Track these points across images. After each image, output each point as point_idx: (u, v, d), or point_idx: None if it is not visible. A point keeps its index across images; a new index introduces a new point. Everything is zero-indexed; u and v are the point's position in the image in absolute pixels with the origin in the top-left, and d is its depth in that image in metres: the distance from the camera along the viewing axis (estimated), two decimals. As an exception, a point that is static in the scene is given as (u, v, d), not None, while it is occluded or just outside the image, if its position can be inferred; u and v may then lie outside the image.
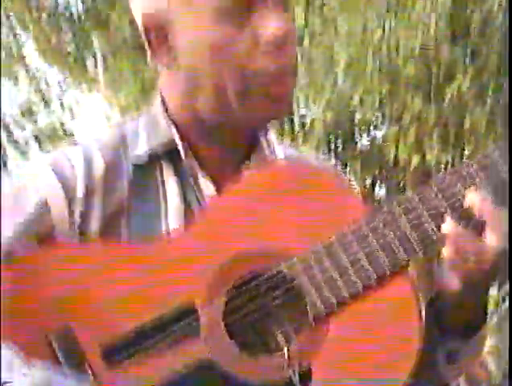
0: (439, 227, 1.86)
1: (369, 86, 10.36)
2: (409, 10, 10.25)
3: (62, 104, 11.81)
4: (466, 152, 11.37)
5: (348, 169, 11.46)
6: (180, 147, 2.02)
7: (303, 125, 10.75)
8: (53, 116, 11.59)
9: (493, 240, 1.82)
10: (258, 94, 1.95)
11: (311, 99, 10.52)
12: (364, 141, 11.78)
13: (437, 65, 10.15)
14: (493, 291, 9.45)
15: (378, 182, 12.00)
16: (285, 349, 1.82)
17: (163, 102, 2.08)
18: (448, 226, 1.84)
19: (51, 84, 11.87)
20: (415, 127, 10.39)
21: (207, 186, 2.02)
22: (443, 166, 11.26)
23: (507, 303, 10.71)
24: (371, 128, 11.59)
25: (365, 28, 10.36)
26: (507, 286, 9.80)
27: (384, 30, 10.18)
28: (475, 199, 1.85)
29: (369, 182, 11.84)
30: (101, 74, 12.62)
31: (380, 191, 12.12)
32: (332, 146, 11.28)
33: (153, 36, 2.00)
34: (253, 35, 1.93)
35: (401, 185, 11.90)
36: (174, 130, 2.04)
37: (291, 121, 10.41)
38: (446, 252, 1.84)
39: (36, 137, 11.01)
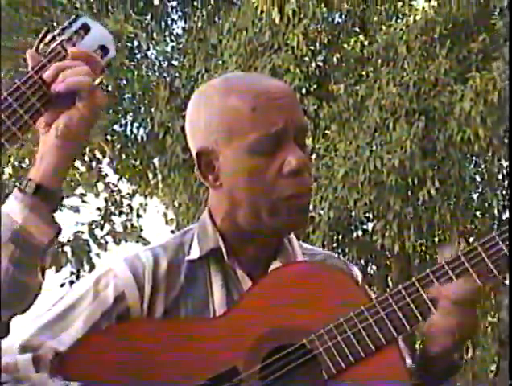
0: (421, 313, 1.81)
1: (360, 192, 10.55)
2: (390, 132, 10.47)
3: (131, 207, 12.04)
4: (436, 239, 11.76)
5: (346, 253, 11.67)
6: (224, 250, 1.92)
7: (312, 220, 10.77)
8: (124, 216, 11.78)
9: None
10: (283, 211, 1.87)
11: (318, 202, 10.70)
12: (358, 233, 12.12)
13: (411, 176, 10.37)
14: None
15: (370, 263, 12.38)
16: None
17: (211, 215, 1.97)
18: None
19: (123, 193, 12.12)
20: (397, 222, 10.60)
21: (244, 280, 1.93)
22: (418, 250, 11.72)
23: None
24: (363, 223, 12.00)
25: (357, 149, 10.57)
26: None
27: (371, 150, 10.41)
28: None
29: (362, 262, 12.11)
30: (160, 185, 12.87)
31: (371, 270, 12.48)
32: (334, 237, 11.55)
33: (203, 162, 1.91)
34: (278, 166, 1.86)
35: (387, 264, 12.37)
36: (219, 237, 1.93)
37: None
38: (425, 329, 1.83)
39: (112, 232, 11.16)
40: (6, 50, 6.94)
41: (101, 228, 10.90)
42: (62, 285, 9.41)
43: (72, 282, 9.27)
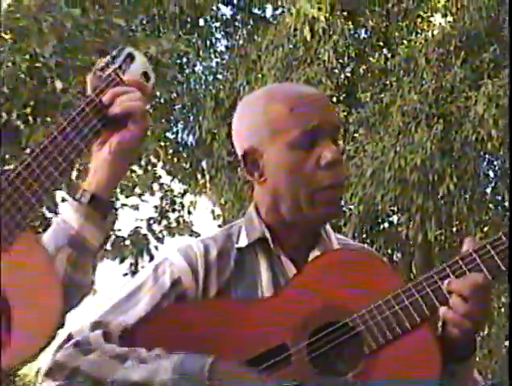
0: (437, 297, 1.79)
1: (386, 188, 10.48)
2: (412, 134, 10.41)
3: (182, 205, 12.04)
4: (454, 229, 11.63)
5: (374, 243, 11.60)
6: (269, 239, 1.93)
7: (343, 215, 10.74)
8: (176, 213, 11.80)
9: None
10: (321, 201, 1.88)
11: (348, 198, 10.65)
12: (385, 225, 12.11)
13: (432, 173, 10.30)
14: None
15: (395, 251, 12.31)
16: (350, 373, 1.78)
17: (256, 208, 1.98)
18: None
19: (175, 192, 12.14)
20: (419, 214, 10.54)
21: (287, 265, 1.92)
22: (438, 239, 11.65)
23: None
24: (389, 216, 11.97)
25: (383, 150, 10.55)
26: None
27: (396, 151, 10.36)
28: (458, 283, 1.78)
29: (389, 251, 12.06)
30: (208, 185, 12.96)
31: (396, 257, 12.37)
32: (364, 229, 11.47)
33: (249, 161, 1.94)
34: (315, 159, 1.87)
35: (411, 251, 12.21)
36: (265, 228, 1.94)
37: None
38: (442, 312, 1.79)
39: (166, 227, 11.17)
40: (74, 68, 7.02)
41: (159, 224, 10.96)
42: (125, 275, 9.44)
43: (133, 272, 9.29)
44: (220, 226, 12.85)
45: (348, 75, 12.25)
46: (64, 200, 7.81)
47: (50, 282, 1.61)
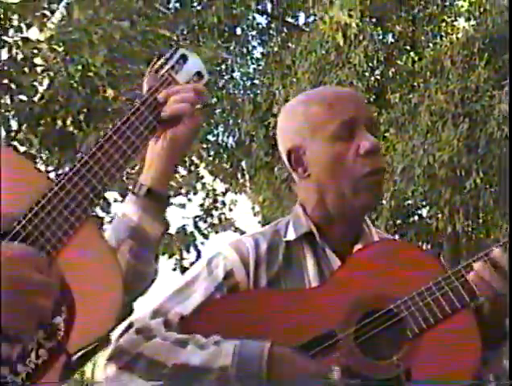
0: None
1: (416, 184, 10.49)
2: (439, 133, 10.39)
3: (224, 203, 12.02)
4: (480, 221, 11.58)
5: (405, 235, 11.60)
6: (316, 234, 1.93)
7: (375, 209, 10.26)
8: (219, 210, 11.79)
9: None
10: (364, 187, 1.87)
11: None
12: (415, 218, 12.06)
13: (459, 168, 10.27)
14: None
15: (425, 242, 12.15)
16: (394, 357, 1.77)
17: (302, 204, 1.98)
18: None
19: (217, 191, 12.15)
20: (448, 208, 10.50)
21: (333, 257, 1.91)
22: (466, 231, 11.59)
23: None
24: (419, 209, 11.97)
25: (413, 148, 10.52)
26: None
27: (424, 149, 10.32)
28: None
29: (419, 243, 11.90)
30: (248, 184, 13.02)
31: (426, 248, 12.22)
32: (395, 222, 11.51)
33: (293, 158, 1.95)
34: (355, 149, 1.87)
35: (440, 242, 12.23)
36: (311, 223, 1.94)
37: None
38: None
39: (211, 225, 11.17)
40: (123, 76, 7.06)
41: (204, 221, 10.96)
42: (174, 269, 9.45)
43: (181, 266, 9.31)
44: (259, 222, 13.00)
45: (378, 77, 12.21)
46: (116, 201, 7.93)
47: (111, 273, 1.58)
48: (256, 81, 13.45)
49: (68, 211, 1.57)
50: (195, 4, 13.24)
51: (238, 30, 13.66)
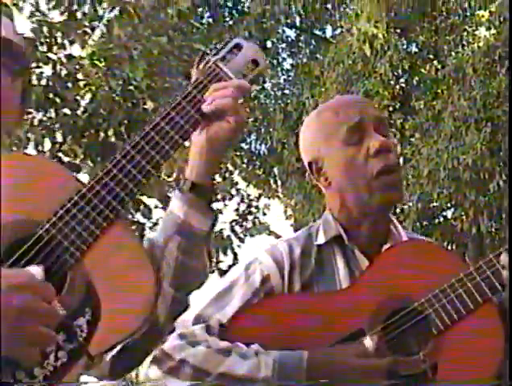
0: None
1: (442, 186, 10.37)
2: (463, 137, 10.25)
3: (257, 208, 11.97)
4: (504, 222, 11.46)
5: (431, 236, 11.22)
6: (344, 236, 1.92)
7: (402, 211, 10.81)
8: (253, 215, 11.75)
9: None
10: (377, 187, 1.87)
11: (407, 196, 10.50)
12: (440, 219, 11.81)
13: (482, 171, 10.14)
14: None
15: (450, 243, 11.85)
16: (421, 353, 1.76)
17: (330, 209, 1.99)
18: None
19: (251, 196, 12.13)
20: (472, 209, 10.36)
21: (362, 259, 1.91)
22: (490, 231, 11.42)
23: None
24: (444, 211, 11.69)
25: (438, 152, 10.39)
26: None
27: (449, 153, 10.17)
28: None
29: (445, 243, 11.64)
30: (280, 189, 12.95)
31: (451, 248, 11.99)
32: (422, 223, 11.32)
33: (314, 170, 1.96)
34: (366, 150, 1.87)
35: (464, 243, 12.12)
36: (339, 227, 1.94)
37: (398, 209, 10.52)
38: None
39: (246, 228, 11.06)
40: (162, 89, 7.02)
41: (240, 225, 10.87)
42: (212, 272, 9.38)
43: (219, 269, 9.23)
44: (291, 225, 12.97)
45: (403, 85, 12.06)
46: (156, 207, 7.90)
47: (140, 274, 1.48)
48: (286, 91, 13.49)
49: (96, 212, 1.47)
50: (227, 19, 13.30)
51: (269, 44, 13.67)
